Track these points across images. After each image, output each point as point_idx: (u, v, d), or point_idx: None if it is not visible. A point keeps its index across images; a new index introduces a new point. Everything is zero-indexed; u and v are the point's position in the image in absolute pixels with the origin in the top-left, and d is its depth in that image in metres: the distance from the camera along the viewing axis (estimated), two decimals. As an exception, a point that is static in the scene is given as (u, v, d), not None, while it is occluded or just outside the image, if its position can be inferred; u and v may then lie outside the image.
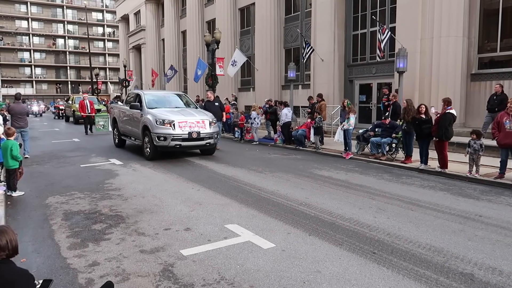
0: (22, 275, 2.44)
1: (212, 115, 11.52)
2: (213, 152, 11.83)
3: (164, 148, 10.45)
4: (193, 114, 11.04)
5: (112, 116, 14.43)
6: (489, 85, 13.53)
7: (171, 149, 10.49)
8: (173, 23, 36.27)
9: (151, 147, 10.56)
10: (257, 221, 5.52)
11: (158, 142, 10.27)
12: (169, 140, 10.21)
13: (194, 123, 10.58)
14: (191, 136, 10.39)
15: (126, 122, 12.71)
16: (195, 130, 10.48)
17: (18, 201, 6.72)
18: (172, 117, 10.47)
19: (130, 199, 6.77)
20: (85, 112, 19.06)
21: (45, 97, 67.09)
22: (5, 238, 2.46)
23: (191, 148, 11.19)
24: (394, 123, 10.71)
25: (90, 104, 19.68)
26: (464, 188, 7.64)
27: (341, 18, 18.35)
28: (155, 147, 10.44)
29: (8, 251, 2.46)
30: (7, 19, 67.08)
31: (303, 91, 21.16)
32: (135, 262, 4.17)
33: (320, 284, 3.66)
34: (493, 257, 4.31)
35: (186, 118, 10.62)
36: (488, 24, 14.12)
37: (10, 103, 16.25)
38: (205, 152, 11.75)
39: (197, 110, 11.90)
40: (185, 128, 10.39)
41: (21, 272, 2.46)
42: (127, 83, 37.88)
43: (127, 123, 12.62)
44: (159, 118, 10.41)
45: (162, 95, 13.17)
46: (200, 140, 10.61)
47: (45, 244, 4.73)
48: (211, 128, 10.90)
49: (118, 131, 13.51)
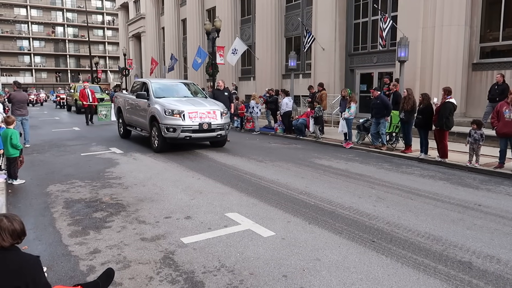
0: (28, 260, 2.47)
1: (223, 105, 11.03)
2: (224, 144, 11.31)
3: (173, 140, 9.94)
4: (204, 104, 10.49)
5: (116, 105, 13.83)
6: (490, 75, 13.47)
7: (181, 141, 9.99)
8: (173, 11, 35.97)
9: (160, 139, 10.02)
10: (257, 210, 5.55)
11: (167, 133, 9.75)
12: (178, 131, 9.69)
13: (204, 113, 10.05)
14: (202, 127, 9.88)
15: (132, 112, 12.20)
16: (206, 121, 9.95)
17: (19, 189, 6.75)
18: (182, 107, 9.94)
19: (130, 187, 6.79)
20: (87, 101, 18.52)
21: (44, 85, 66.89)
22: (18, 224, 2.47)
23: (201, 140, 10.72)
24: (385, 100, 10.57)
25: (92, 93, 19.16)
26: (464, 178, 7.66)
27: (342, 7, 18.19)
28: (163, 138, 9.93)
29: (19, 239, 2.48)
30: (6, 6, 66.50)
31: (303, 80, 21.08)
32: (136, 250, 4.20)
33: (320, 272, 3.70)
34: (492, 246, 4.34)
35: (196, 108, 10.09)
36: (490, 13, 14.00)
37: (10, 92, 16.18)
38: (215, 144, 11.23)
39: (207, 100, 11.32)
40: (196, 118, 9.86)
41: (28, 257, 2.49)
42: (127, 71, 37.74)
43: (133, 113, 12.09)
44: (168, 108, 9.87)
45: (170, 83, 12.51)
46: (211, 131, 10.09)
47: (46, 231, 4.76)
48: (223, 119, 10.34)
49: (123, 121, 13.00)
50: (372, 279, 3.57)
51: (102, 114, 18.21)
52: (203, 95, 12.01)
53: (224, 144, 11.29)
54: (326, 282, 3.51)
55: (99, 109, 18.32)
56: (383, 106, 10.38)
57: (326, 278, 3.58)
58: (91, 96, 18.85)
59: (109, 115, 17.93)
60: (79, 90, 20.26)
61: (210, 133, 10.13)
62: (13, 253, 2.44)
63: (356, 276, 3.63)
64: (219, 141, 11.04)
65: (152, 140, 10.47)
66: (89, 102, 18.49)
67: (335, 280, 3.54)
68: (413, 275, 3.65)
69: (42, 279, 2.48)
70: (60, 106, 32.70)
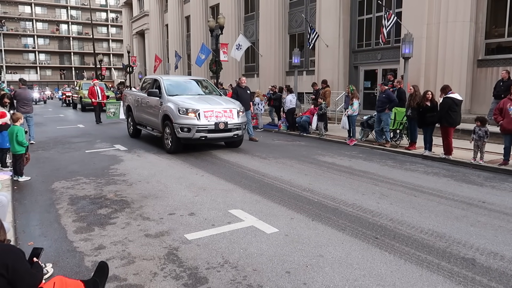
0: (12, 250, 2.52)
1: (239, 103, 10.42)
2: (240, 144, 10.66)
3: (188, 141, 9.41)
4: (219, 102, 9.92)
5: (126, 103, 13.19)
6: (495, 71, 13.38)
7: (195, 141, 9.45)
8: (176, 8, 35.96)
9: (173, 139, 9.49)
10: (261, 206, 5.56)
11: (181, 133, 9.23)
12: (193, 131, 9.15)
13: (221, 112, 9.49)
14: (218, 127, 9.32)
15: (142, 110, 11.61)
16: (222, 120, 9.40)
17: (24, 186, 6.81)
18: (197, 105, 9.39)
19: (135, 184, 6.83)
20: (96, 98, 17.88)
21: (49, 83, 67.23)
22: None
23: (217, 141, 10.25)
24: (390, 94, 10.57)
25: (101, 90, 18.55)
26: (468, 175, 7.64)
27: (346, 3, 18.11)
28: (177, 139, 9.40)
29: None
30: (10, 4, 66.76)
31: (307, 77, 21.04)
32: (140, 246, 4.23)
33: (323, 268, 3.71)
34: (495, 243, 4.33)
35: (212, 106, 9.53)
36: (496, 9, 13.89)
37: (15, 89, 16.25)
38: (231, 145, 10.66)
39: (223, 98, 10.78)
40: (211, 118, 9.31)
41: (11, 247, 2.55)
42: (131, 69, 37.82)
43: (143, 112, 11.52)
44: (182, 106, 9.32)
45: (183, 80, 11.96)
46: (227, 131, 9.53)
47: (51, 228, 4.80)
48: (239, 118, 9.78)
49: (133, 120, 12.40)
50: (375, 276, 3.58)
51: (111, 112, 17.50)
52: (218, 93, 11.47)
53: (240, 145, 10.68)
54: (329, 278, 3.52)
55: (108, 106, 17.62)
56: (388, 100, 10.38)
57: (329, 275, 3.59)
58: (100, 93, 18.23)
59: (118, 113, 17.29)
60: (88, 87, 19.53)
61: (227, 133, 9.59)
62: None
63: (359, 272, 3.64)
64: (234, 142, 10.47)
65: (164, 141, 9.96)
66: (98, 100, 17.92)
67: (338, 277, 3.55)
68: (416, 272, 3.66)
69: (23, 266, 2.53)
70: (66, 104, 32.51)
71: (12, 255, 2.52)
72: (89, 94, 18.57)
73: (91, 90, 18.28)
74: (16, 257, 2.54)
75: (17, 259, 2.52)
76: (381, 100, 10.51)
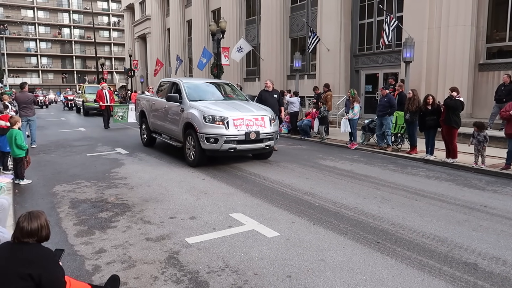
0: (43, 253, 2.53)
1: (271, 110, 9.37)
2: (269, 156, 9.49)
3: (214, 153, 8.35)
4: (250, 109, 8.82)
5: (139, 109, 12.01)
6: (497, 75, 13.38)
7: (223, 153, 8.37)
8: (178, 12, 36.11)
9: (197, 151, 8.37)
10: (262, 210, 5.55)
11: (207, 144, 8.11)
12: (221, 142, 8.03)
13: (252, 120, 8.37)
14: (249, 137, 8.16)
15: (159, 117, 10.44)
16: (253, 129, 8.26)
17: (25, 189, 6.81)
18: (225, 112, 8.29)
19: (136, 188, 6.83)
20: (104, 102, 16.96)
21: (51, 86, 67.35)
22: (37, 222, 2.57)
23: (247, 152, 9.03)
24: (391, 99, 10.55)
25: (110, 94, 17.67)
26: (470, 179, 7.62)
27: (347, 7, 18.17)
28: (202, 151, 8.30)
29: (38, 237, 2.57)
30: (13, 8, 67.12)
31: (308, 81, 21.07)
32: (141, 250, 4.22)
33: (324, 273, 3.70)
34: (497, 247, 4.31)
35: (242, 114, 8.42)
36: (497, 13, 13.92)
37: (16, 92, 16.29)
38: (259, 157, 9.44)
39: (252, 104, 9.65)
40: (241, 126, 8.19)
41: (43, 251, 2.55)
42: (132, 72, 37.93)
43: (160, 119, 10.37)
44: (208, 113, 8.22)
45: (205, 84, 10.66)
46: (259, 142, 8.38)
47: (52, 231, 4.68)
48: (272, 127, 8.67)
49: (148, 127, 11.25)
50: (377, 280, 3.56)
51: (118, 116, 16.56)
52: (244, 98, 10.31)
53: (269, 157, 9.51)
54: (331, 283, 3.50)
55: (115, 110, 16.68)
56: (389, 105, 10.37)
57: (330, 279, 3.57)
58: (109, 97, 17.37)
59: (126, 116, 16.49)
60: (96, 90, 18.60)
61: (258, 143, 8.42)
62: (31, 245, 2.54)
63: (360, 277, 3.62)
64: (264, 153, 9.29)
65: (186, 152, 8.86)
66: (106, 104, 17.01)
67: (339, 281, 3.54)
68: (418, 276, 3.64)
69: (55, 272, 2.53)
70: (68, 108, 32.21)
71: (51, 260, 2.54)
72: (97, 97, 17.67)
73: (99, 94, 17.41)
74: (53, 262, 2.55)
75: (52, 264, 2.54)
76: (383, 104, 10.50)
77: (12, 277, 2.39)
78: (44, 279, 2.43)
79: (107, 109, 16.95)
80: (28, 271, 2.40)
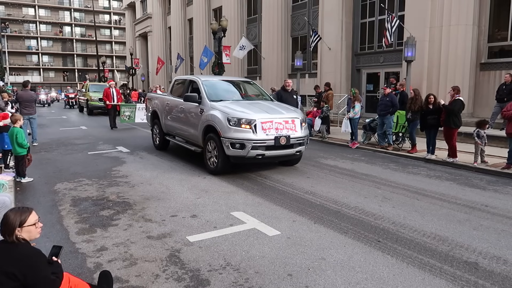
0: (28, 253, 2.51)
1: (301, 112, 8.67)
2: (298, 162, 8.68)
3: (239, 160, 7.48)
4: (278, 111, 7.90)
5: (151, 109, 11.04)
6: (498, 75, 13.37)
7: (249, 160, 7.50)
8: (179, 10, 36.08)
9: (220, 157, 7.49)
10: (263, 209, 5.56)
11: (232, 150, 7.25)
12: (248, 148, 7.15)
13: (281, 123, 7.48)
14: (279, 142, 7.29)
15: (174, 118, 9.56)
16: (283, 133, 7.39)
17: (27, 187, 6.83)
18: (252, 114, 7.40)
19: (137, 186, 6.84)
20: (111, 101, 16.23)
21: (52, 84, 67.46)
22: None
23: (275, 159, 8.12)
24: (393, 98, 10.54)
25: (117, 92, 16.88)
26: (471, 178, 7.62)
27: (349, 6, 18.14)
28: (225, 157, 7.44)
29: None
30: (14, 6, 67.16)
31: (309, 80, 21.06)
32: (142, 248, 4.24)
33: (325, 271, 3.71)
34: (498, 247, 4.32)
35: (271, 116, 7.52)
36: (498, 12, 13.89)
37: (18, 90, 16.28)
38: (286, 163, 8.56)
39: (279, 104, 8.73)
40: (270, 130, 7.32)
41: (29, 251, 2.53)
42: (133, 71, 37.93)
43: (176, 120, 9.47)
44: (233, 116, 7.35)
45: (225, 82, 9.68)
46: (289, 147, 7.53)
47: (54, 229, 4.81)
48: (303, 131, 7.80)
49: (161, 129, 10.32)
50: (377, 279, 3.57)
51: (125, 115, 15.77)
52: (268, 97, 9.35)
53: (297, 163, 8.68)
54: (331, 281, 3.51)
55: (122, 109, 15.88)
56: (391, 104, 10.36)
57: (331, 277, 3.58)
58: (116, 96, 16.56)
59: (133, 116, 15.76)
60: (102, 89, 17.60)
61: (288, 149, 7.57)
62: (18, 245, 2.52)
63: (361, 275, 3.63)
64: (291, 160, 8.44)
65: (207, 158, 7.98)
66: (113, 103, 16.26)
67: (340, 280, 3.55)
68: (419, 275, 3.65)
69: (42, 272, 2.51)
70: (69, 106, 32.07)
71: (37, 260, 2.51)
72: (104, 96, 16.83)
73: (107, 92, 16.56)
74: (39, 262, 2.53)
75: (39, 264, 2.51)
76: (384, 103, 10.49)
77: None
78: (29, 279, 2.41)
79: (114, 108, 16.24)
80: (12, 270, 2.38)
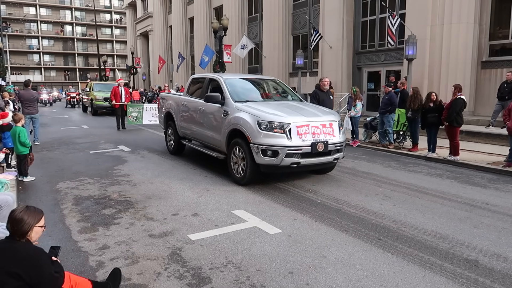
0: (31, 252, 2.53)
1: (337, 114, 7.59)
2: (332, 170, 7.69)
3: (272, 169, 6.53)
4: (314, 113, 6.96)
5: (165, 110, 10.11)
6: (500, 73, 13.36)
7: (282, 169, 6.54)
8: (180, 9, 36.08)
9: (248, 166, 6.59)
10: (264, 207, 5.58)
11: (263, 158, 6.34)
12: (282, 156, 6.24)
13: (318, 127, 6.57)
14: (316, 148, 6.39)
15: (192, 121, 8.65)
16: (321, 138, 6.50)
17: (29, 186, 6.85)
18: (285, 117, 6.47)
19: (138, 185, 6.86)
20: (119, 100, 15.40)
21: (53, 84, 67.53)
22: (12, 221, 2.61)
23: (311, 167, 7.05)
24: (392, 97, 10.57)
25: (126, 92, 15.91)
26: (472, 176, 7.62)
27: (350, 5, 18.13)
28: (255, 166, 6.54)
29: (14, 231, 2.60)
30: (15, 5, 67.22)
31: (310, 78, 21.06)
32: (144, 246, 4.26)
33: (325, 269, 3.72)
34: (498, 244, 4.33)
35: (306, 119, 6.59)
36: (500, 10, 13.87)
37: (20, 90, 16.31)
38: (319, 171, 7.59)
39: (313, 106, 7.92)
40: (307, 135, 6.42)
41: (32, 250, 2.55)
42: (134, 70, 37.96)
43: (194, 123, 8.57)
44: (264, 119, 6.43)
45: (249, 81, 8.66)
46: (326, 154, 6.64)
47: (56, 228, 4.84)
48: (341, 135, 6.90)
49: (176, 132, 9.44)
50: (378, 277, 3.58)
51: (133, 117, 15.11)
52: (297, 98, 8.41)
53: (331, 171, 7.74)
54: (332, 279, 3.53)
55: (129, 110, 15.19)
56: (389, 103, 10.39)
57: (332, 275, 3.60)
58: (124, 95, 15.67)
59: (140, 117, 15.13)
60: (112, 88, 16.63)
61: (325, 156, 6.67)
62: (22, 244, 2.56)
63: (362, 273, 3.65)
64: (326, 168, 7.47)
65: (232, 166, 7.07)
66: (121, 102, 15.46)
67: (341, 277, 3.56)
68: (419, 273, 3.66)
69: (46, 270, 2.54)
70: (71, 106, 31.81)
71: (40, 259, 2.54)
72: (111, 95, 15.85)
73: (115, 91, 15.67)
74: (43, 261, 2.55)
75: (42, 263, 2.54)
76: (384, 102, 10.54)
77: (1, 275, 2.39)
78: (34, 278, 2.44)
79: (121, 108, 15.43)
80: (16, 270, 2.40)
